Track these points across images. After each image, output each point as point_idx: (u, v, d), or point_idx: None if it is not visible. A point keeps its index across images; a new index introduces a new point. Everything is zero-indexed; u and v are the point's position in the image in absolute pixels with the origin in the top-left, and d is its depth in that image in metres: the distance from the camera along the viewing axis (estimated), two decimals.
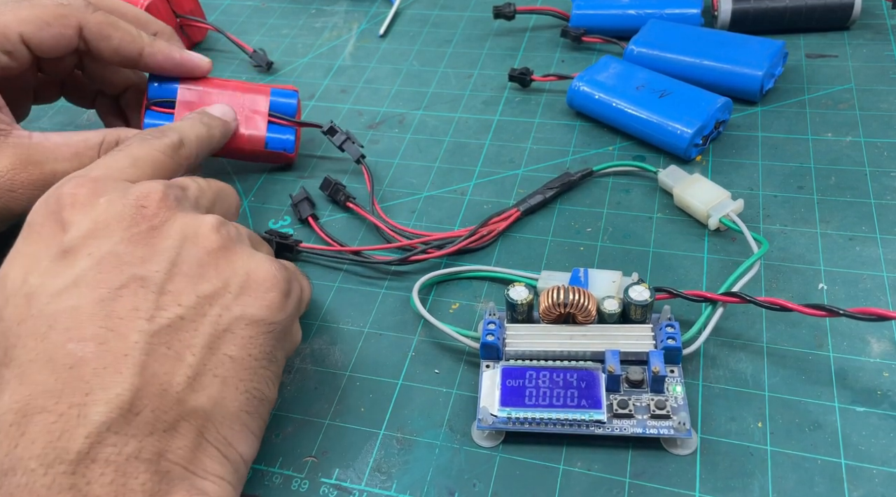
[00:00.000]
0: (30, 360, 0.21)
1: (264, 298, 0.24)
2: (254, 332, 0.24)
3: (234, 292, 0.24)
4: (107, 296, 0.22)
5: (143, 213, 0.24)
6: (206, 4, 0.55)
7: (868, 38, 0.43)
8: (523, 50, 0.47)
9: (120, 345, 0.21)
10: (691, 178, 0.34)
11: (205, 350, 0.23)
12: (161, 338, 0.22)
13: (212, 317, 0.23)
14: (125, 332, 0.21)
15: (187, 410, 0.22)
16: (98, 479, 0.19)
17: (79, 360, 0.21)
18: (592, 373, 0.27)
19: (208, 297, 0.23)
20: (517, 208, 0.35)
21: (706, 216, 0.33)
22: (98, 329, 0.21)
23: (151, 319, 0.22)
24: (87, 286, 0.22)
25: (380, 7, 0.54)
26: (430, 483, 0.26)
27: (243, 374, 0.23)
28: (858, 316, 0.26)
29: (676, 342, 0.27)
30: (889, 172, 0.35)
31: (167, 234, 0.24)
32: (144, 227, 0.24)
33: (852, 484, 0.24)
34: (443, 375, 0.29)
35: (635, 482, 0.25)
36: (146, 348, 0.21)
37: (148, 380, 0.21)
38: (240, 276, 0.24)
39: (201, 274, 0.24)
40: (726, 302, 0.28)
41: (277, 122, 0.38)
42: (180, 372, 0.22)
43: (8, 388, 0.20)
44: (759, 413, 0.27)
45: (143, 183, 0.25)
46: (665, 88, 0.38)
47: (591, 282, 0.30)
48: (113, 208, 0.24)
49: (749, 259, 0.29)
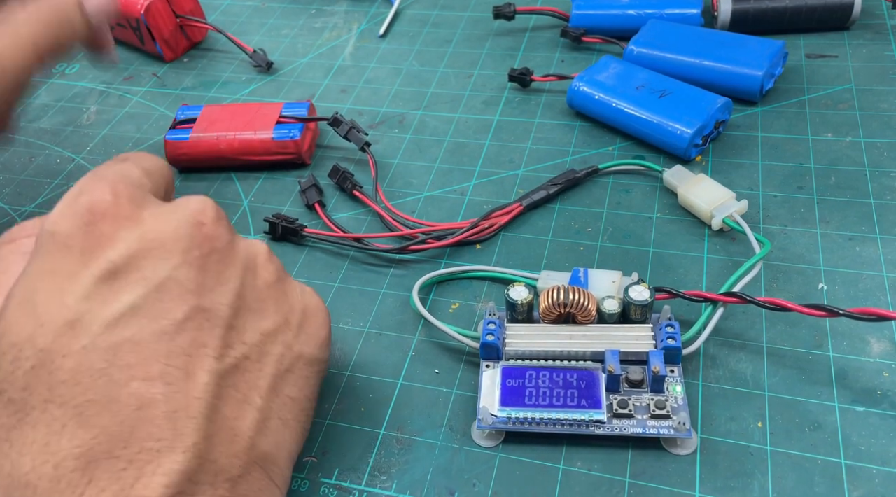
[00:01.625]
0: (88, 400, 0.18)
1: (319, 336, 0.24)
2: (310, 372, 0.23)
3: (294, 330, 0.23)
4: (170, 328, 0.20)
5: (203, 231, 0.21)
6: (206, 4, 0.55)
7: (868, 39, 0.43)
8: (523, 50, 0.47)
9: (190, 386, 0.19)
10: (696, 178, 0.34)
11: (270, 392, 0.21)
12: (230, 379, 0.20)
13: (275, 355, 0.22)
14: (194, 372, 0.19)
15: (256, 456, 0.21)
16: None
17: (147, 401, 0.19)
18: (592, 373, 0.27)
19: (271, 335, 0.22)
20: (520, 203, 0.35)
21: (710, 216, 0.33)
22: (165, 367, 0.19)
23: (220, 358, 0.20)
24: (146, 316, 0.19)
25: (380, 7, 0.54)
26: (430, 483, 0.26)
27: (300, 415, 0.23)
28: (858, 316, 0.26)
29: (676, 342, 0.27)
30: (889, 172, 0.35)
31: (231, 261, 0.22)
32: (206, 249, 0.21)
33: (852, 484, 0.24)
34: (443, 375, 0.29)
35: (635, 482, 0.25)
36: (217, 391, 0.20)
37: (220, 425, 0.20)
38: (297, 312, 0.23)
39: (263, 309, 0.22)
40: (726, 302, 0.28)
41: (286, 121, 0.40)
42: (249, 416, 0.20)
43: (65, 432, 0.18)
44: (759, 413, 0.27)
45: (190, 197, 0.22)
46: (665, 88, 0.38)
47: (591, 282, 0.30)
48: (165, 224, 0.21)
49: (751, 260, 0.29)
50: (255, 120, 0.40)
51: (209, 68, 0.50)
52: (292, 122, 0.40)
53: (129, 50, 0.52)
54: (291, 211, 0.38)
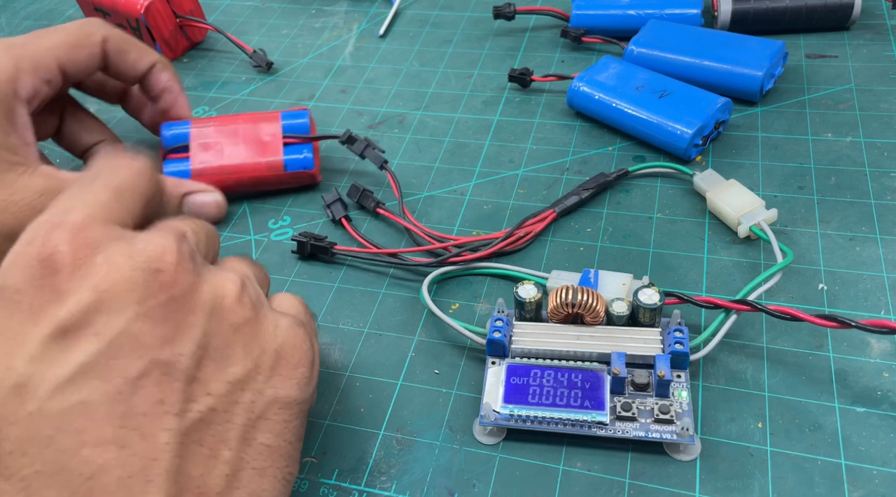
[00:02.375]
0: (35, 471, 0.17)
1: (294, 376, 0.22)
2: (287, 415, 0.22)
3: (265, 374, 0.21)
4: (124, 387, 0.18)
5: (160, 279, 0.20)
6: (205, 4, 0.55)
7: (868, 39, 0.43)
8: (523, 50, 0.47)
9: (147, 447, 0.18)
10: (726, 184, 0.34)
11: (240, 443, 0.20)
12: (194, 434, 0.19)
13: (244, 404, 0.21)
14: (151, 432, 0.18)
15: None
16: None
17: (98, 468, 0.17)
18: (597, 374, 0.27)
19: (239, 383, 0.21)
20: (553, 210, 0.35)
21: (737, 223, 0.32)
22: (118, 429, 0.18)
23: (181, 414, 0.19)
24: (97, 376, 0.18)
25: (380, 7, 0.54)
26: (430, 483, 0.26)
27: (280, 462, 0.21)
28: (870, 328, 0.26)
29: (684, 347, 0.27)
30: (889, 172, 0.35)
31: (191, 308, 0.20)
32: (163, 298, 0.20)
33: (852, 484, 0.24)
34: (443, 376, 0.29)
35: (635, 483, 0.25)
36: (179, 449, 0.18)
37: (184, 485, 0.18)
38: (269, 354, 0.22)
39: (229, 355, 0.21)
40: (738, 310, 0.28)
41: (293, 141, 0.38)
42: (217, 471, 0.19)
43: None
44: (759, 413, 0.27)
45: (149, 236, 0.21)
46: (665, 89, 0.38)
47: (601, 283, 0.30)
48: (119, 272, 0.19)
49: (773, 268, 0.29)
50: (257, 143, 0.37)
51: (209, 68, 0.50)
52: (299, 142, 0.38)
53: None
54: (325, 212, 0.38)
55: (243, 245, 0.36)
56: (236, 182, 0.37)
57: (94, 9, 0.51)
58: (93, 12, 0.51)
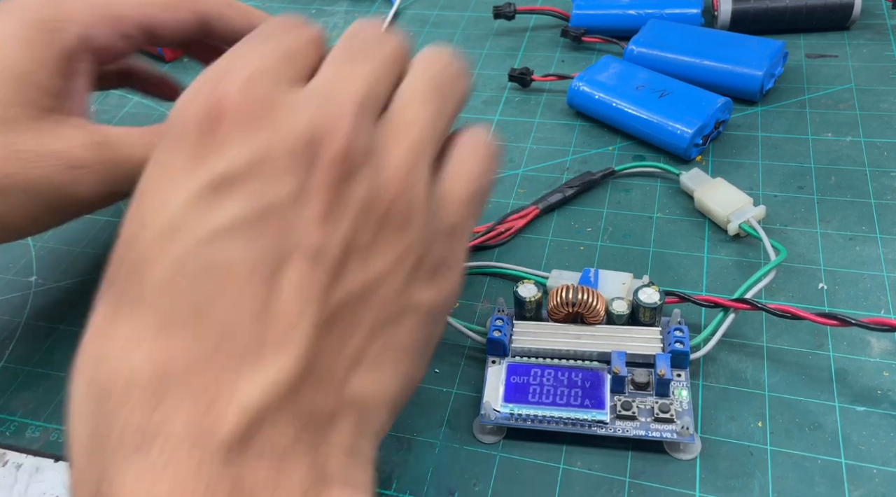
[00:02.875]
0: (173, 309, 0.17)
1: (443, 287, 0.21)
2: (423, 318, 0.21)
3: (408, 276, 0.20)
4: (266, 260, 0.18)
5: (323, 158, 0.19)
6: None
7: (868, 38, 0.43)
8: (523, 50, 0.47)
9: (279, 322, 0.18)
10: (713, 182, 0.34)
11: (368, 336, 0.19)
12: (326, 323, 0.19)
13: (384, 297, 0.20)
14: (287, 309, 0.18)
15: (347, 399, 0.19)
16: (253, 465, 0.16)
17: (230, 330, 0.17)
18: (598, 373, 0.27)
19: (382, 276, 0.20)
20: (536, 206, 0.35)
21: (726, 221, 0.33)
22: (255, 299, 0.18)
23: (318, 302, 0.18)
24: (243, 240, 0.18)
25: (380, 7, 0.54)
26: (430, 483, 0.26)
27: (404, 360, 0.21)
28: (870, 326, 0.26)
29: (684, 346, 0.27)
30: (889, 172, 0.35)
31: (348, 195, 0.19)
32: (323, 179, 0.19)
33: (852, 484, 0.24)
34: (443, 375, 0.29)
35: (635, 482, 0.25)
36: (310, 332, 0.18)
37: (311, 361, 0.18)
38: (415, 257, 0.20)
39: (376, 252, 0.20)
40: (738, 308, 0.28)
41: None
42: (343, 358, 0.19)
43: (144, 344, 0.17)
44: (759, 413, 0.27)
45: (323, 104, 0.19)
46: (665, 88, 0.38)
47: (601, 282, 0.30)
48: (284, 141, 0.18)
49: (766, 266, 0.29)
50: None
51: None
52: None
53: None
54: None
55: None
56: None
57: None
58: None
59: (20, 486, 0.28)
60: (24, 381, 0.31)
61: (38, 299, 0.35)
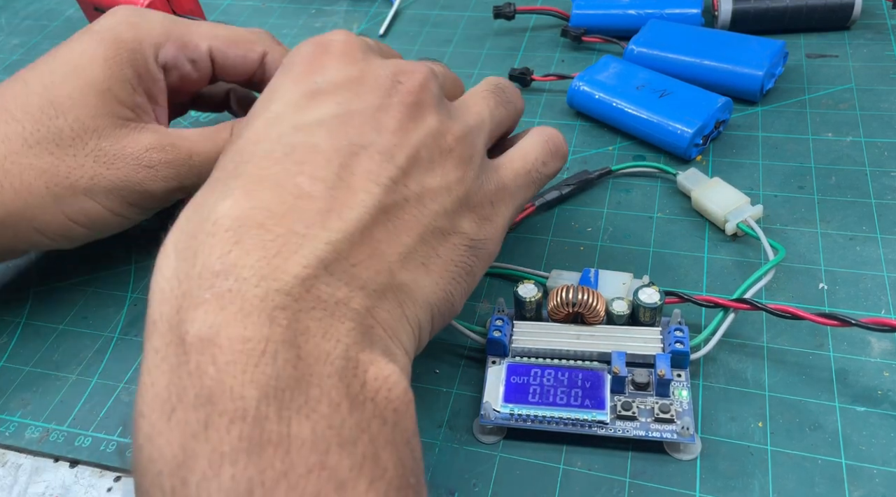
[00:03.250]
0: (259, 177, 0.21)
1: (484, 229, 0.25)
2: (467, 245, 0.24)
3: (456, 201, 0.24)
4: (346, 148, 0.22)
5: (404, 89, 0.24)
6: (206, 4, 0.55)
7: (868, 38, 0.43)
8: (523, 50, 0.47)
9: (348, 196, 0.21)
10: (710, 182, 0.34)
11: (419, 237, 0.23)
12: (385, 208, 0.22)
13: (433, 211, 0.23)
14: (356, 187, 0.22)
15: (396, 282, 0.22)
16: (309, 309, 0.19)
17: (306, 194, 0.21)
18: (598, 373, 0.27)
19: (436, 191, 0.24)
20: (532, 203, 0.35)
21: (724, 221, 0.33)
22: (331, 174, 0.21)
23: (383, 188, 0.22)
24: (329, 131, 0.22)
25: (380, 7, 0.54)
26: (430, 483, 0.26)
27: (445, 274, 0.24)
28: (870, 326, 0.26)
29: (685, 346, 0.27)
30: (889, 172, 0.35)
31: (421, 120, 0.24)
32: (401, 103, 0.24)
33: (853, 484, 0.24)
34: (443, 375, 0.29)
35: (635, 482, 0.25)
36: (371, 212, 0.21)
37: (366, 238, 0.21)
38: (467, 191, 0.25)
39: (433, 169, 0.24)
40: (738, 308, 0.28)
41: None
42: (395, 245, 0.22)
43: (231, 197, 0.20)
44: (759, 413, 0.27)
45: (406, 62, 0.26)
46: (665, 88, 0.38)
47: (601, 282, 0.30)
48: (373, 72, 0.24)
49: (765, 266, 0.29)
50: None
51: None
52: None
53: None
54: None
55: None
56: None
57: (95, 9, 0.51)
58: (93, 12, 0.51)
59: (20, 486, 0.28)
60: (24, 381, 0.31)
61: (38, 299, 0.35)
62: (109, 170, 0.30)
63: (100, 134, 0.30)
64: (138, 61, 0.31)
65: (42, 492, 0.28)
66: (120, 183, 0.30)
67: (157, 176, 0.31)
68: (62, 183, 0.29)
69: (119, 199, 0.31)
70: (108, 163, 0.30)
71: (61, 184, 0.29)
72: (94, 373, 0.31)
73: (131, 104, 0.31)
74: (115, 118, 0.31)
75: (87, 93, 0.30)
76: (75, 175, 0.30)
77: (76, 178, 0.30)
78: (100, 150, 0.30)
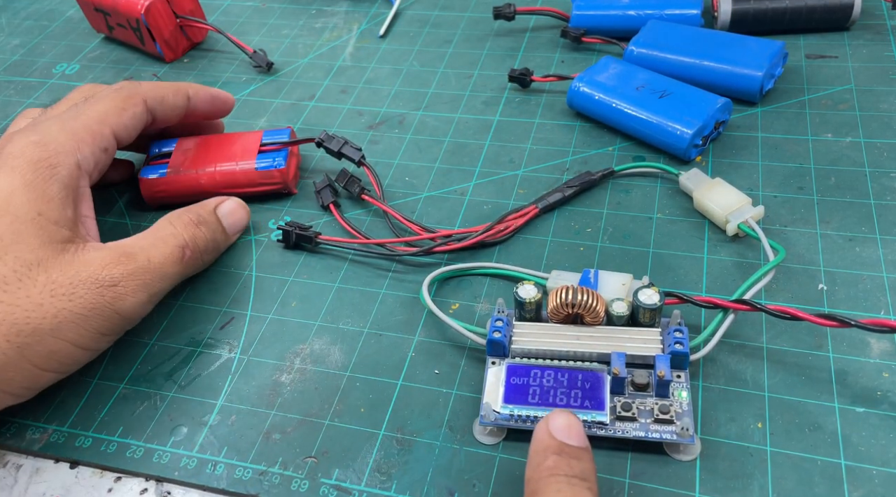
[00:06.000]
0: None
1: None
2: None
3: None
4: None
5: None
6: (206, 5, 0.55)
7: (868, 39, 0.43)
8: (523, 50, 0.47)
9: None
10: (712, 182, 0.34)
11: None
12: None
13: None
14: None
15: None
16: None
17: None
18: (597, 374, 0.27)
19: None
20: (535, 205, 0.35)
21: (725, 221, 0.33)
22: None
23: None
24: None
25: (380, 7, 0.54)
26: (430, 483, 0.26)
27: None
28: (870, 327, 0.26)
29: (684, 347, 0.27)
30: (889, 173, 0.35)
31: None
32: None
33: (852, 484, 0.24)
34: (443, 376, 0.29)
35: (635, 483, 0.25)
36: None
37: None
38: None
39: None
40: (737, 309, 0.28)
41: (267, 149, 0.38)
42: None
43: None
44: (758, 414, 0.27)
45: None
46: (665, 89, 0.38)
47: (601, 283, 0.30)
48: None
49: (765, 267, 0.29)
50: (235, 150, 0.38)
51: (209, 69, 0.50)
52: (275, 149, 0.38)
53: (129, 50, 0.52)
54: (314, 198, 0.38)
55: (244, 245, 0.36)
56: (209, 181, 0.37)
57: (95, 9, 0.51)
58: (93, 13, 0.52)
59: (20, 486, 0.28)
60: None
61: None
62: (72, 301, 0.28)
63: (46, 266, 0.28)
64: (61, 174, 0.30)
65: (42, 492, 0.28)
66: (87, 312, 0.28)
67: (124, 292, 0.29)
68: (24, 330, 0.27)
69: (90, 331, 0.28)
70: (68, 294, 0.28)
71: (23, 332, 0.27)
72: (95, 373, 0.31)
73: (66, 222, 0.29)
74: (55, 244, 0.29)
75: (18, 227, 0.28)
76: (35, 318, 0.27)
77: (38, 320, 0.27)
78: (53, 283, 0.28)
